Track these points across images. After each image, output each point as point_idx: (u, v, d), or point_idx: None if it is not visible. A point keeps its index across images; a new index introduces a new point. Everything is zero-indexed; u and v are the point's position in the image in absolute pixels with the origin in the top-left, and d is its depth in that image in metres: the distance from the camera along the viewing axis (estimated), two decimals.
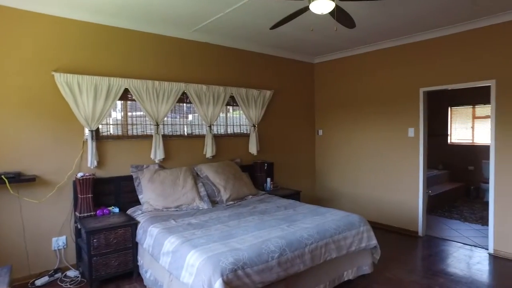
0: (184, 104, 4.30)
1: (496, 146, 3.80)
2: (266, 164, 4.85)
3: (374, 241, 3.13)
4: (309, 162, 5.81)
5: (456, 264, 3.58)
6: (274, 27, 2.94)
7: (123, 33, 3.69)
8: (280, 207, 3.65)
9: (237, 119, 4.87)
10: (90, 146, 3.36)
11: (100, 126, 3.58)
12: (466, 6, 3.35)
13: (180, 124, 4.28)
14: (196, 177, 3.96)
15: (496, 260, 3.70)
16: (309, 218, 3.15)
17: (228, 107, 4.75)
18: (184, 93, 4.11)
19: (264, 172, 4.81)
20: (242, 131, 4.90)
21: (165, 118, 4.04)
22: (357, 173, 5.21)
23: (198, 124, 4.42)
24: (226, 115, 4.75)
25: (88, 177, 3.17)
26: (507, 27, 3.67)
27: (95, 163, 3.39)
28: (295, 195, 4.66)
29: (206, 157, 4.34)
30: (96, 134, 3.49)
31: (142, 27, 3.80)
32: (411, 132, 4.53)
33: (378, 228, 4.79)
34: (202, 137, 4.39)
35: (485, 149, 6.79)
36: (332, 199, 5.59)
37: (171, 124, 4.19)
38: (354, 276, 3.07)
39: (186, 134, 4.33)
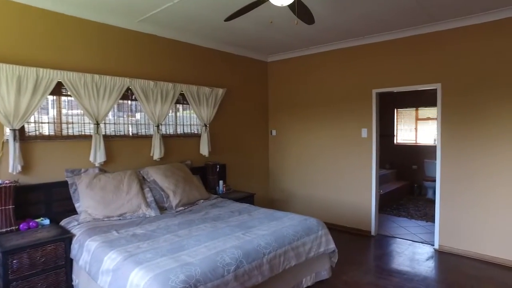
0: (129, 102, 3.91)
1: (442, 145, 3.95)
2: (218, 166, 4.60)
3: (332, 245, 3.05)
4: (262, 163, 5.67)
5: (408, 262, 3.65)
6: (229, 18, 2.72)
7: (55, 17, 3.21)
8: (234, 212, 3.43)
9: (188, 119, 4.57)
10: (12, 148, 2.85)
11: (26, 125, 3.08)
12: (418, 11, 3.42)
13: (124, 123, 3.88)
14: (142, 182, 3.60)
15: (442, 255, 3.83)
16: (265, 224, 2.98)
17: (178, 105, 4.42)
18: (129, 89, 3.71)
19: (216, 175, 4.56)
20: (192, 131, 4.60)
21: (107, 117, 3.62)
22: (311, 174, 5.18)
23: (145, 124, 4.05)
24: (176, 114, 4.42)
25: (8, 185, 2.67)
26: (451, 34, 3.82)
27: (19, 168, 2.89)
28: (249, 198, 4.48)
29: (154, 159, 3.98)
30: (21, 134, 2.99)
31: (79, 12, 3.35)
32: (364, 132, 4.57)
33: (332, 229, 4.75)
34: (149, 137, 4.02)
35: (426, 149, 7.20)
36: (286, 201, 5.51)
37: (114, 123, 3.77)
38: (312, 282, 2.96)
39: (131, 134, 3.93)
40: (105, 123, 3.64)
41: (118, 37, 3.70)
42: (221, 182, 4.53)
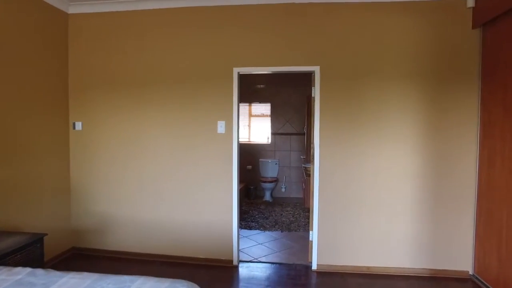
0: None
1: (321, 142, 3.23)
2: None
3: None
4: (59, 174, 3.49)
5: None
6: None
7: None
8: None
9: None
10: None
11: None
12: None
13: None
14: None
15: (324, 277, 3.10)
16: None
17: None
18: None
19: None
20: None
21: None
22: (141, 187, 3.50)
23: None
24: None
25: None
26: (335, 13, 3.15)
27: None
28: (32, 247, 2.43)
29: None
30: None
31: None
32: (221, 126, 3.34)
33: (181, 264, 3.32)
34: None
35: (261, 147, 6.74)
36: (100, 230, 3.58)
37: None
38: None
39: None
40: None
41: None
42: None
